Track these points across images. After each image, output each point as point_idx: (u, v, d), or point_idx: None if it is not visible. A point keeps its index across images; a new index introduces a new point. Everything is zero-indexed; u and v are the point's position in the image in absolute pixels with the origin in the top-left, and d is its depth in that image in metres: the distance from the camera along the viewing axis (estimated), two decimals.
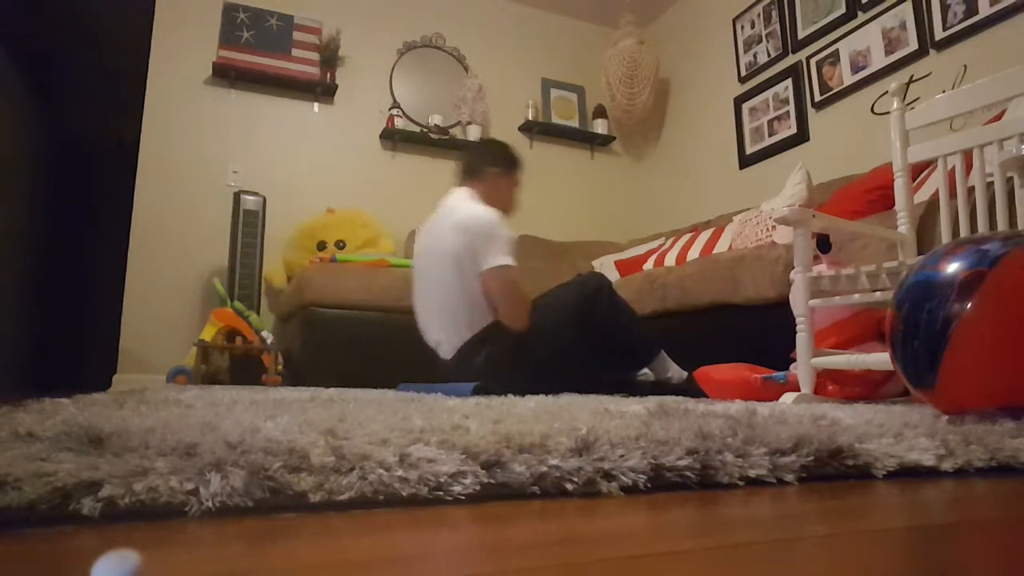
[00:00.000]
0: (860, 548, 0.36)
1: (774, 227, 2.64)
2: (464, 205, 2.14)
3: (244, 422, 0.66)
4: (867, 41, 3.04)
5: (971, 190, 1.71)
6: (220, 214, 3.42)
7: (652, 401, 1.33)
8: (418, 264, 2.25)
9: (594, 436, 0.57)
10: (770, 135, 3.59)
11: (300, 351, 2.88)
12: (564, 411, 0.97)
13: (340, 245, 3.44)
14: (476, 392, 1.75)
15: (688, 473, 0.54)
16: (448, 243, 2.06)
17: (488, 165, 2.28)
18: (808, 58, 3.36)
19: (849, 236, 1.97)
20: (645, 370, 2.28)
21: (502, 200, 2.25)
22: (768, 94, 3.60)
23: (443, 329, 2.14)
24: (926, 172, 2.20)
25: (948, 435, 0.70)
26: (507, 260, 2.02)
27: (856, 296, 1.62)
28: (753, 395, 1.75)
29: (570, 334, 2.10)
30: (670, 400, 1.42)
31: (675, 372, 2.24)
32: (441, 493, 0.47)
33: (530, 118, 4.25)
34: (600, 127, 4.46)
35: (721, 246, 3.00)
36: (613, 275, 3.41)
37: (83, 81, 5.30)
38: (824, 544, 0.37)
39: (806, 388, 1.62)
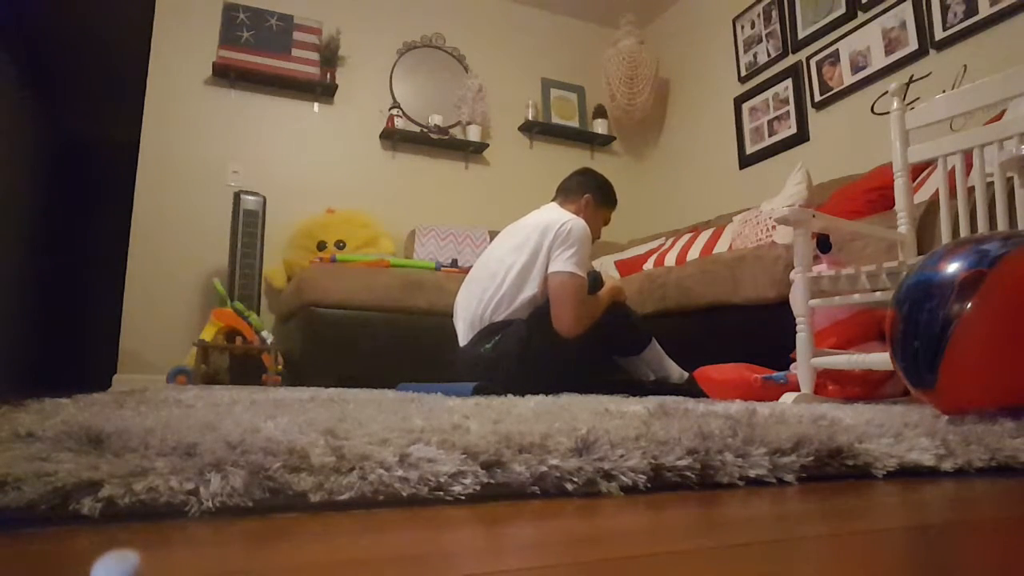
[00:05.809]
0: (860, 548, 0.36)
1: (774, 227, 2.63)
2: (559, 212, 2.22)
3: (244, 422, 0.66)
4: (867, 41, 3.04)
5: (971, 190, 1.71)
6: (220, 214, 3.42)
7: (652, 401, 1.33)
8: (488, 251, 2.31)
9: (594, 436, 0.57)
10: (770, 135, 3.59)
11: (300, 351, 2.88)
12: (564, 411, 0.97)
13: (340, 245, 3.44)
14: (476, 392, 1.76)
15: (688, 473, 0.54)
16: (533, 234, 2.14)
17: (588, 191, 2.36)
18: (808, 58, 3.36)
19: (849, 236, 1.97)
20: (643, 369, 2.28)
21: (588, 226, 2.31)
22: (768, 94, 3.60)
23: (476, 307, 2.18)
24: (926, 172, 2.20)
25: (948, 435, 0.70)
26: (577, 270, 2.08)
27: (856, 296, 1.62)
28: (753, 395, 1.75)
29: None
30: (670, 400, 1.42)
31: (675, 371, 2.24)
32: (441, 493, 0.47)
33: (530, 118, 4.25)
34: (600, 127, 4.46)
35: (721, 246, 3.00)
36: (613, 275, 3.41)
37: (83, 81, 5.30)
38: (824, 544, 0.37)
39: (806, 388, 1.62)
